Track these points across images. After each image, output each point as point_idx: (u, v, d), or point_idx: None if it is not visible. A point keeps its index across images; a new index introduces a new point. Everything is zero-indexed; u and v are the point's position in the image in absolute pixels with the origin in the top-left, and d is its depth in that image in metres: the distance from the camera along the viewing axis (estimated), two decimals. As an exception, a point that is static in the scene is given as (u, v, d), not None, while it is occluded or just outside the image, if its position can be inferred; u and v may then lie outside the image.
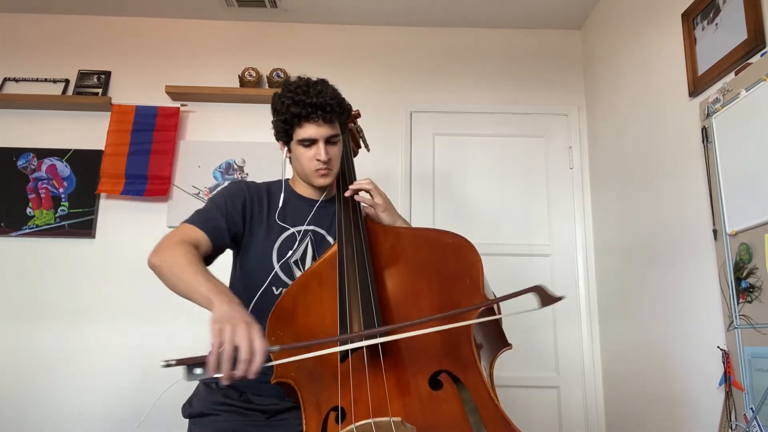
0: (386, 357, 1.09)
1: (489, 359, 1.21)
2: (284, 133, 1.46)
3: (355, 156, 1.64)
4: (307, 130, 1.42)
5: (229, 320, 1.01)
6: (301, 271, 1.45)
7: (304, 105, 1.39)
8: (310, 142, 1.44)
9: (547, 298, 1.02)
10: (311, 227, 1.50)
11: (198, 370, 0.96)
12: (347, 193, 1.47)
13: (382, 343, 1.10)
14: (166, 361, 0.95)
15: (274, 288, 1.43)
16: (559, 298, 1.03)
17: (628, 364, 2.51)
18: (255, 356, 0.97)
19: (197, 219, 1.39)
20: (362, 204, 1.48)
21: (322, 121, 1.42)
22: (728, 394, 1.75)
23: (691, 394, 1.99)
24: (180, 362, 0.96)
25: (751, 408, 1.64)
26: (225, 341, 0.97)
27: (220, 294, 1.11)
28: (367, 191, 1.48)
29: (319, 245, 1.49)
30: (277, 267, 1.44)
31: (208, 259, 1.37)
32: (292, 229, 1.48)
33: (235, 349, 0.97)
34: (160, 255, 1.26)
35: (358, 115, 1.71)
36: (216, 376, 0.96)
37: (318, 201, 1.54)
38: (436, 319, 1.08)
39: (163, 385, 2.10)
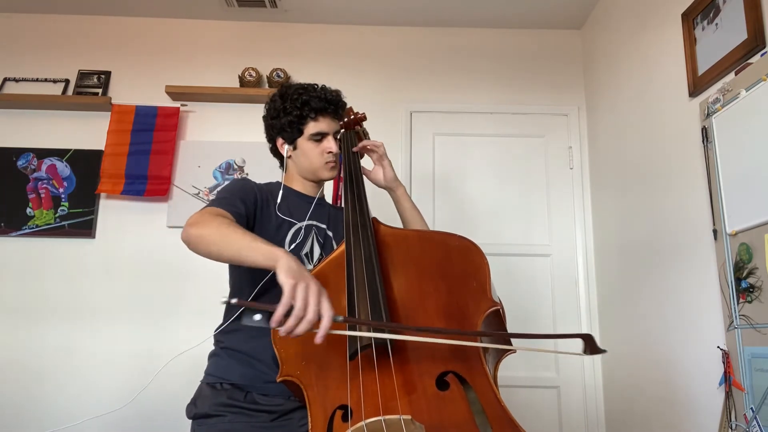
0: (394, 356, 1.10)
1: (494, 361, 1.22)
2: (296, 129, 1.53)
3: (361, 158, 1.66)
4: (321, 124, 1.53)
5: (303, 278, 1.00)
6: (310, 263, 1.48)
7: (320, 99, 1.51)
8: (321, 136, 1.53)
9: (594, 348, 1.06)
10: (313, 222, 1.55)
11: (257, 317, 0.96)
12: (355, 148, 1.61)
13: (391, 343, 1.10)
14: (227, 297, 0.94)
15: None
16: (603, 351, 1.08)
17: (627, 363, 2.52)
18: (324, 319, 0.97)
19: (219, 203, 1.39)
20: (368, 144, 1.64)
21: (334, 116, 1.55)
22: (728, 394, 1.76)
23: (691, 394, 2.00)
24: (241, 303, 0.96)
25: (751, 408, 1.65)
26: (298, 296, 0.97)
27: (284, 251, 1.09)
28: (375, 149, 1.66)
29: (324, 239, 1.54)
30: None
31: None
32: (299, 224, 1.52)
33: (304, 308, 0.97)
34: (199, 226, 1.23)
35: (364, 118, 1.73)
36: (277, 327, 0.96)
37: (315, 197, 1.60)
38: (450, 334, 1.10)
39: (163, 385, 2.10)
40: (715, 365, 1.84)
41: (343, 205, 1.48)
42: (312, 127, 1.52)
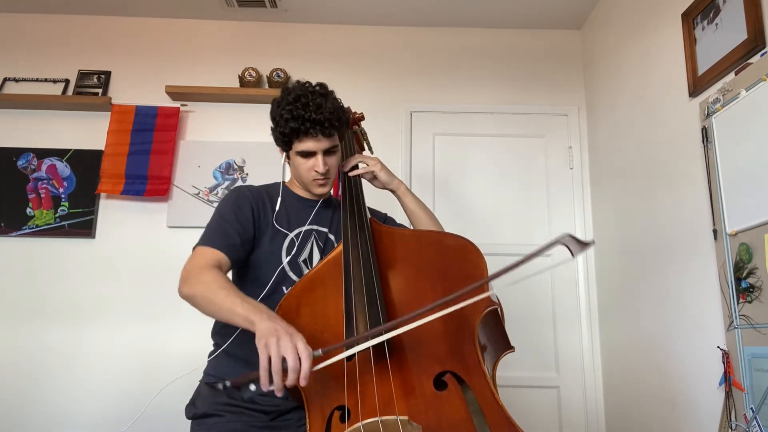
0: (391, 357, 1.10)
1: (492, 361, 1.22)
2: (283, 143, 1.47)
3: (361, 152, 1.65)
4: (306, 144, 1.42)
5: (273, 333, 1.04)
6: (309, 268, 1.47)
7: (303, 120, 1.38)
8: (308, 154, 1.45)
9: (577, 246, 1.01)
10: (313, 227, 1.53)
11: (252, 387, 1.02)
12: (351, 173, 1.57)
13: (388, 343, 1.10)
14: (222, 382, 1.02)
15: (284, 288, 1.44)
16: (589, 244, 1.03)
17: (628, 364, 2.52)
18: (302, 363, 1.01)
19: (212, 238, 1.38)
20: (360, 172, 1.59)
21: (321, 136, 1.41)
22: (728, 394, 1.76)
23: (691, 394, 1.99)
24: (234, 384, 1.03)
25: (751, 408, 1.65)
26: (272, 354, 1.01)
27: (259, 312, 1.12)
28: (360, 162, 1.60)
29: (324, 244, 1.53)
30: (286, 266, 1.45)
31: None
32: (296, 231, 1.50)
33: (283, 360, 1.01)
34: (189, 285, 1.28)
35: (362, 117, 1.72)
36: (270, 389, 1.01)
37: (318, 201, 1.56)
38: (441, 304, 1.05)
39: (162, 385, 2.10)
40: (715, 365, 1.84)
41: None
42: (297, 146, 1.43)
